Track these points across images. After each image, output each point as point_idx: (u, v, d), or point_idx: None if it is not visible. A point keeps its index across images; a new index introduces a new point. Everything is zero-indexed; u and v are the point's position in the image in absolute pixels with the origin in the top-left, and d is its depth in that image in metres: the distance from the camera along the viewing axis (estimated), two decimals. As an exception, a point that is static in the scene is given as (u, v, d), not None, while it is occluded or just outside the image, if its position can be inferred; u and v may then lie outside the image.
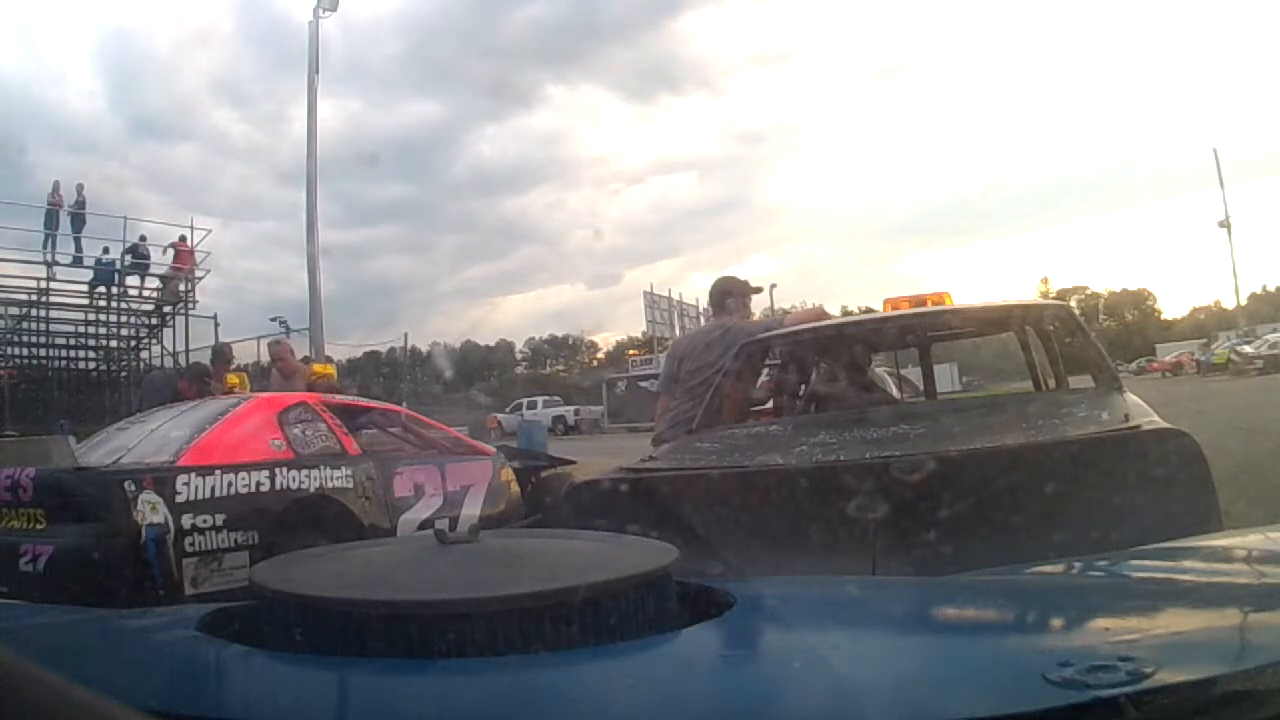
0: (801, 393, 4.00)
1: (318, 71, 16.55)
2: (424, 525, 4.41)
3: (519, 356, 75.63)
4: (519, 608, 0.93)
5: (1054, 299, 10.31)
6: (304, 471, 4.32)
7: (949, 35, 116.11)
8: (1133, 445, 2.14)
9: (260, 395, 5.38)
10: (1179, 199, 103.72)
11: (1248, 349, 28.10)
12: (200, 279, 17.82)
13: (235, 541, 3.91)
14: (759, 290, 4.29)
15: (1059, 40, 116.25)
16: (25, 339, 16.52)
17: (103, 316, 17.35)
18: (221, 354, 7.65)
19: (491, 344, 71.84)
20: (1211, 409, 11.75)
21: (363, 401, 5.88)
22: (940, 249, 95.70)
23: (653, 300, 38.23)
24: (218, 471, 3.98)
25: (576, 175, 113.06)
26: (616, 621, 0.97)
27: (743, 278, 4.08)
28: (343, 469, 4.52)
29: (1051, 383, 3.93)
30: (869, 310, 7.42)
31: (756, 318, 4.45)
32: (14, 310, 15.89)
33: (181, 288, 17.52)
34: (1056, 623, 1.14)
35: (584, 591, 0.96)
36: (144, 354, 17.98)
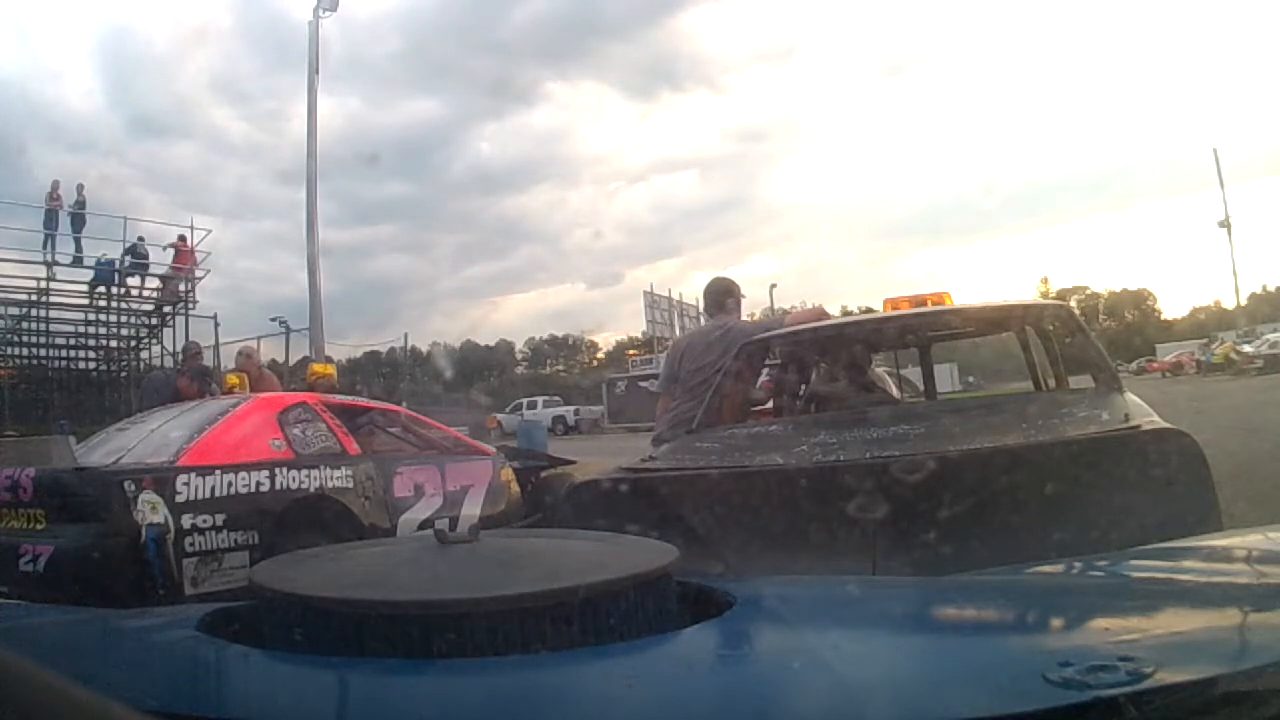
0: (801, 393, 4.00)
1: (318, 71, 16.58)
2: (424, 525, 4.41)
3: (519, 356, 75.67)
4: (519, 608, 0.93)
5: (1054, 299, 10.31)
6: (304, 471, 4.32)
7: (952, 35, 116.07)
8: (1133, 445, 2.14)
9: (260, 395, 5.39)
10: (1179, 199, 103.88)
11: (1247, 348, 28.11)
12: (200, 279, 17.83)
13: (235, 541, 3.91)
14: (744, 296, 4.34)
15: (1060, 40, 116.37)
16: (25, 339, 16.52)
17: (103, 316, 17.34)
18: (202, 368, 7.68)
19: (491, 344, 71.90)
20: (1211, 409, 11.76)
21: (363, 401, 5.89)
22: (941, 249, 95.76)
23: (653, 300, 38.23)
24: (218, 471, 3.98)
25: (577, 174, 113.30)
26: (616, 621, 0.97)
27: (736, 279, 4.10)
28: (343, 469, 4.52)
29: (1051, 383, 3.93)
30: (869, 310, 7.42)
31: (757, 318, 4.46)
32: (14, 310, 15.88)
33: (181, 288, 17.51)
34: (1056, 623, 1.14)
35: (584, 591, 0.96)
36: (144, 354, 17.98)
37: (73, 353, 17.49)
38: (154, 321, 17.82)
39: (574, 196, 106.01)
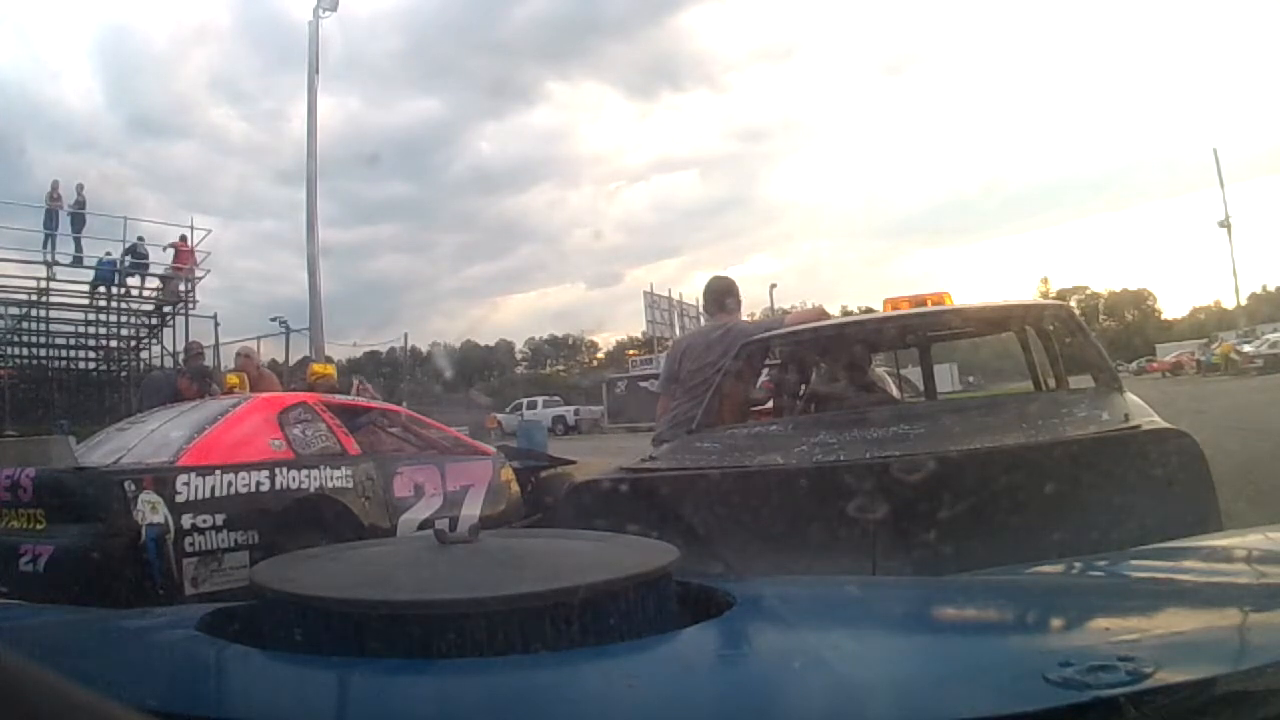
0: (801, 393, 4.00)
1: (318, 71, 16.59)
2: (424, 525, 4.42)
3: (519, 356, 75.70)
4: (519, 608, 0.93)
5: (1054, 299, 10.31)
6: (304, 471, 4.32)
7: (952, 35, 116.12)
8: (1133, 445, 2.14)
9: (260, 395, 5.39)
10: (1179, 199, 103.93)
11: (1248, 348, 28.12)
12: (200, 279, 17.84)
13: (235, 541, 3.91)
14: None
15: (1061, 41, 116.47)
16: (25, 339, 16.52)
17: (103, 316, 17.34)
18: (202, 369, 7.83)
19: (491, 344, 72.00)
20: (1211, 409, 11.76)
21: (362, 401, 5.89)
22: (941, 249, 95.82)
23: (653, 300, 38.25)
24: (218, 471, 3.98)
25: (577, 173, 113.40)
26: (616, 621, 0.97)
27: (736, 279, 4.10)
28: (343, 469, 4.52)
29: (1051, 383, 3.93)
30: (869, 310, 7.43)
31: (757, 318, 4.46)
32: (14, 310, 15.88)
33: (181, 288, 17.52)
34: (1056, 623, 1.14)
35: (584, 591, 0.96)
36: (144, 354, 17.98)
37: (73, 353, 17.48)
38: (154, 321, 17.82)
39: (574, 196, 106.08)
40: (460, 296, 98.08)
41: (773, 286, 39.70)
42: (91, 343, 17.57)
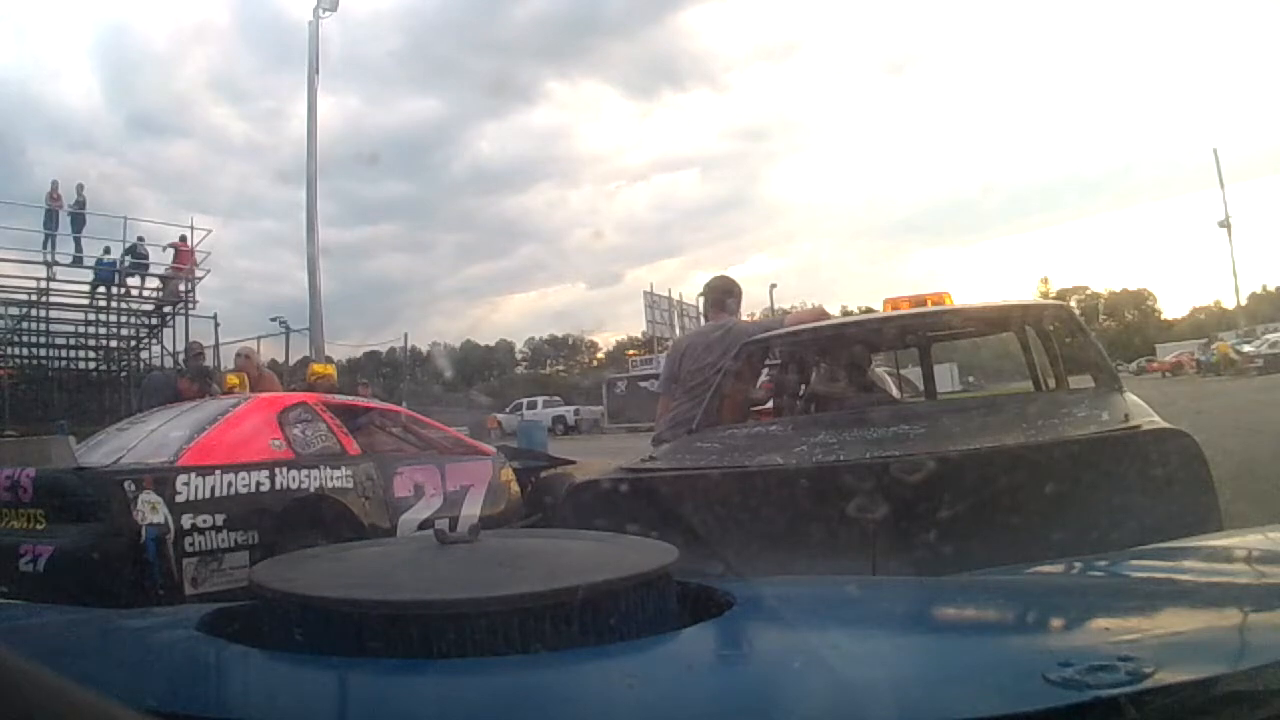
0: (801, 393, 4.00)
1: (318, 71, 16.59)
2: (424, 525, 4.41)
3: (519, 356, 75.77)
4: (519, 608, 0.93)
5: (1054, 299, 10.31)
6: (304, 471, 4.32)
7: (953, 34, 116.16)
8: (1133, 445, 2.14)
9: (260, 395, 5.39)
10: (1179, 199, 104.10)
11: (1247, 348, 28.13)
12: (200, 279, 17.84)
13: (235, 541, 3.91)
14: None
15: (1061, 40, 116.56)
16: (25, 339, 16.52)
17: (103, 316, 17.34)
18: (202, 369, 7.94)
19: (491, 344, 72.06)
20: (1211, 409, 11.76)
21: (362, 401, 5.89)
22: (941, 249, 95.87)
23: (653, 300, 38.29)
24: (218, 471, 3.98)
25: (577, 173, 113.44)
26: (616, 621, 0.97)
27: (736, 279, 4.10)
28: (343, 469, 4.52)
29: (1051, 383, 3.93)
30: (869, 310, 7.43)
31: (757, 318, 4.46)
32: (14, 310, 15.89)
33: (181, 288, 17.52)
34: (1056, 623, 1.14)
35: (584, 591, 0.96)
36: (144, 354, 17.98)
37: (73, 353, 17.48)
38: (154, 321, 17.82)
39: (574, 196, 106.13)
40: (460, 296, 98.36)
41: (773, 286, 39.72)
42: (91, 343, 17.57)
